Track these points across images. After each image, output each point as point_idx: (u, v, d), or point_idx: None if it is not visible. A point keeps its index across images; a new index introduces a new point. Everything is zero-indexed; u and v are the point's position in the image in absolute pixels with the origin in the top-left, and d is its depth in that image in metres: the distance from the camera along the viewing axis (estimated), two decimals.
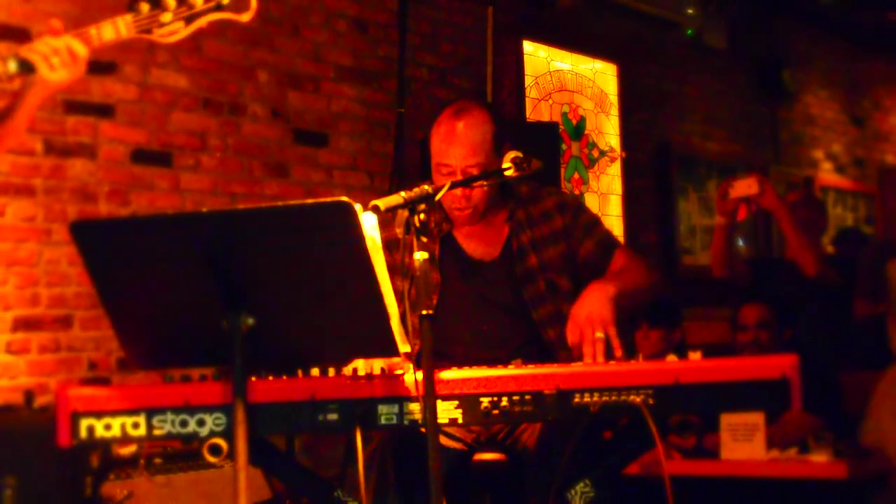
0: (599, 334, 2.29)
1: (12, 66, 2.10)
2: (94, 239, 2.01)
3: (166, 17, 2.09)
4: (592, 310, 2.35)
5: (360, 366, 2.12)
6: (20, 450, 2.93)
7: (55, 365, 3.74)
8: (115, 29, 2.11)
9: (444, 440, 2.50)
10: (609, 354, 2.28)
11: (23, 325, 3.69)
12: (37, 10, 3.78)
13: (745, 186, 4.14)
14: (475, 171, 2.47)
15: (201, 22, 2.11)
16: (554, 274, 2.62)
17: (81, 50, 2.11)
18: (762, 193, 4.11)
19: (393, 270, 2.17)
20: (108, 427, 2.08)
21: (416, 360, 2.13)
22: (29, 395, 3.28)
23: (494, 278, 2.64)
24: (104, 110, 3.96)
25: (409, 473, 1.99)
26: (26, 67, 2.10)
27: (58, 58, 2.08)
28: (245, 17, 2.12)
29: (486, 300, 2.63)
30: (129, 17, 2.10)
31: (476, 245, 2.66)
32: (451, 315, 2.58)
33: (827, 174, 7.67)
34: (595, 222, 2.70)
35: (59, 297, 3.78)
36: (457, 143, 2.49)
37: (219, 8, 2.10)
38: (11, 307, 3.67)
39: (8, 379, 3.60)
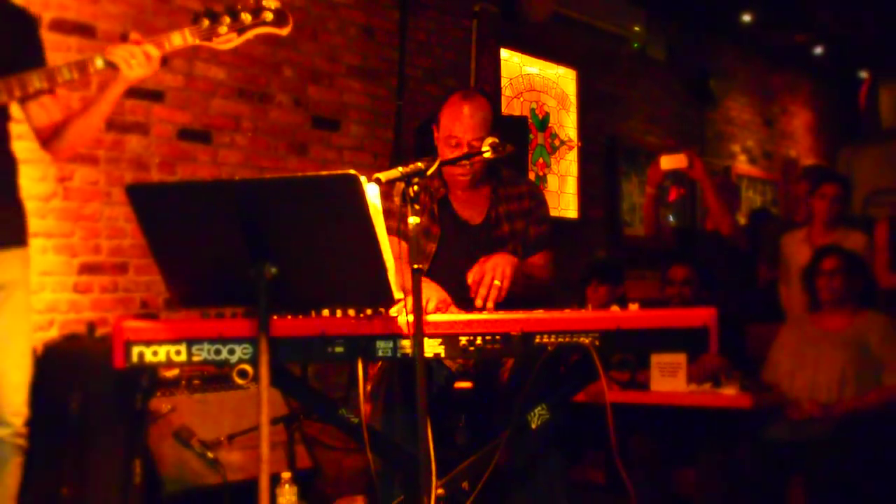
0: (497, 282, 2.31)
1: (99, 62, 2.20)
2: (146, 200, 1.98)
3: (222, 29, 2.13)
4: (497, 263, 2.39)
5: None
6: (84, 371, 2.91)
7: (113, 303, 3.72)
8: (183, 37, 2.20)
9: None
10: (500, 304, 2.33)
11: (87, 269, 3.66)
12: (102, 10, 3.70)
13: (675, 161, 4.11)
14: (477, 144, 2.48)
15: (250, 34, 2.17)
16: (517, 242, 2.65)
17: (155, 52, 2.21)
18: (692, 166, 4.10)
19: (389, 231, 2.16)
20: (155, 353, 2.06)
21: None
22: (91, 327, 3.26)
23: (477, 238, 2.64)
24: (156, 95, 3.90)
25: (411, 392, 1.98)
26: (110, 65, 2.20)
27: (135, 60, 2.18)
28: (284, 32, 2.17)
29: (470, 255, 2.61)
30: (193, 29, 2.18)
31: (466, 210, 2.67)
32: (443, 262, 2.59)
33: (742, 164, 7.67)
34: (548, 219, 2.74)
35: (117, 247, 3.75)
36: (464, 120, 2.51)
37: (264, 23, 2.15)
38: (78, 255, 3.64)
39: (75, 313, 3.58)
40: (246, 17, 2.13)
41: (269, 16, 2.15)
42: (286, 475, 2.90)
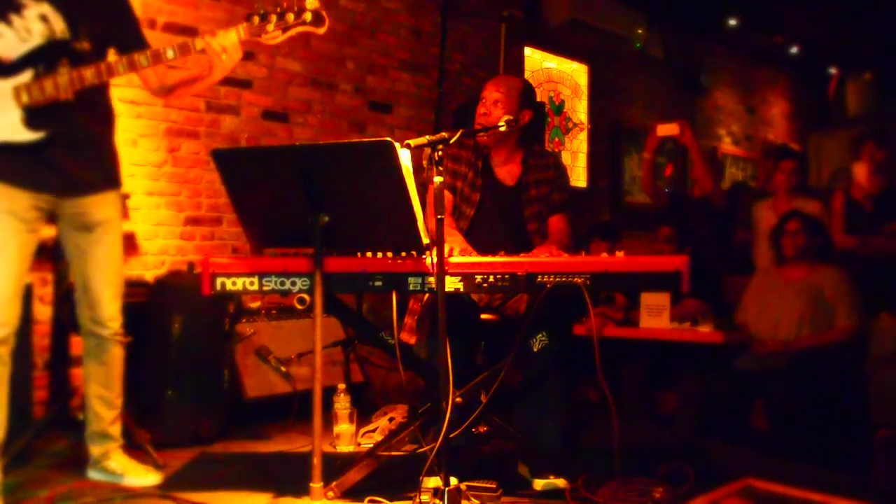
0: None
1: (170, 53, 2.12)
2: (227, 162, 1.99)
3: (270, 27, 2.07)
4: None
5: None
6: (185, 298, 2.96)
7: (210, 248, 3.77)
8: (237, 33, 2.12)
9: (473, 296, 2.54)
10: None
11: (191, 221, 3.72)
12: (202, 15, 3.71)
13: (669, 129, 4.00)
14: (499, 105, 2.49)
15: (292, 32, 2.10)
16: (542, 204, 2.61)
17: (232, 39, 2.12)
18: (683, 133, 3.99)
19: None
20: (234, 283, 2.09)
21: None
22: (191, 266, 3.31)
23: (510, 198, 2.62)
24: (245, 84, 3.91)
25: (451, 321, 1.96)
26: (185, 50, 2.11)
27: (225, 54, 2.13)
28: (321, 31, 2.09)
29: (503, 212, 2.60)
30: (245, 26, 2.10)
31: (502, 173, 2.64)
32: (482, 217, 2.58)
33: (727, 146, 7.44)
34: (568, 188, 2.70)
35: (214, 205, 3.79)
36: (491, 85, 2.52)
37: (304, 23, 2.08)
38: (184, 210, 3.69)
39: (181, 256, 3.65)
40: (289, 17, 2.07)
41: (308, 16, 2.07)
42: (342, 386, 2.93)
